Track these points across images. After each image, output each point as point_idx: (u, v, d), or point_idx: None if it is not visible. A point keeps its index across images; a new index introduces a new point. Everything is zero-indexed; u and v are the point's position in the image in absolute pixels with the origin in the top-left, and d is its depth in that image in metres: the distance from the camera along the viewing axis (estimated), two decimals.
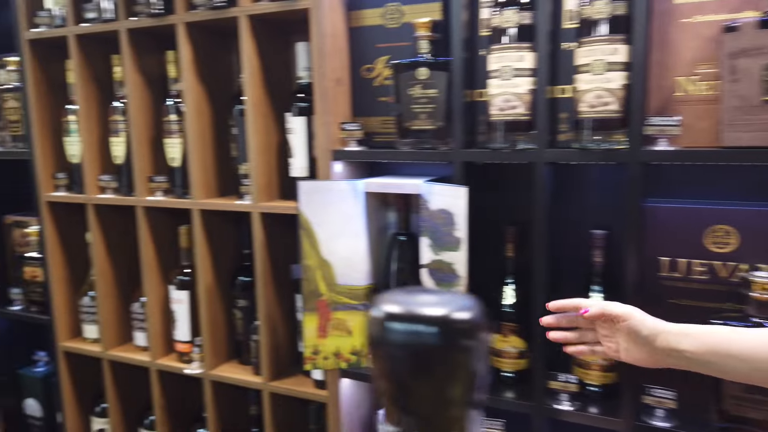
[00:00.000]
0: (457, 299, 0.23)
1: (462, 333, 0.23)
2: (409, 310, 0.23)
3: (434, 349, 0.22)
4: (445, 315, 0.22)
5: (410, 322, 0.23)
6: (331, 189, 1.31)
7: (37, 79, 1.69)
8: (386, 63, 1.32)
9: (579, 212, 1.29)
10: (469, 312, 0.23)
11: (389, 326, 0.23)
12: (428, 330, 0.22)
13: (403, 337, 0.22)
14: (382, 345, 0.23)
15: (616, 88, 1.04)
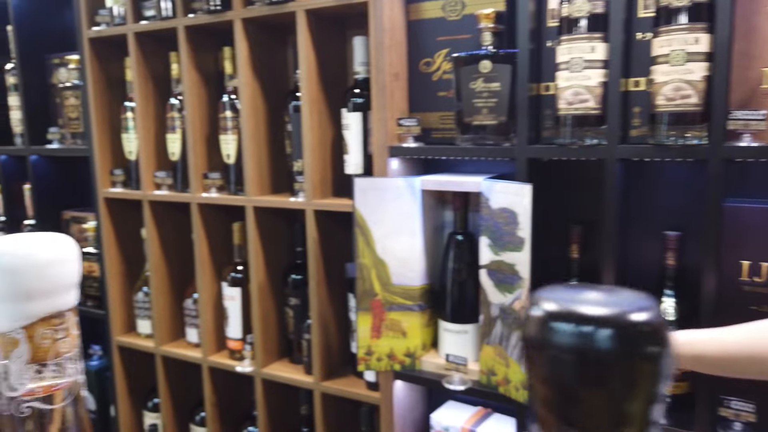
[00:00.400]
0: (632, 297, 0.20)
1: (643, 337, 0.19)
2: (576, 308, 0.19)
3: (610, 355, 0.18)
4: (622, 314, 0.18)
5: (580, 323, 0.19)
6: (388, 186, 1.28)
7: (97, 77, 1.72)
8: (446, 56, 1.28)
9: (649, 212, 1.22)
10: (649, 312, 0.19)
11: (553, 327, 0.19)
12: (602, 332, 0.18)
13: (572, 339, 0.19)
14: (543, 348, 0.19)
15: (696, 79, 0.98)
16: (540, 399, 0.20)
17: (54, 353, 0.31)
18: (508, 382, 1.17)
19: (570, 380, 0.19)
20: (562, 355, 0.19)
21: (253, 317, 1.53)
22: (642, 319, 0.19)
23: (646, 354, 0.19)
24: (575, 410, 0.19)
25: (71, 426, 0.32)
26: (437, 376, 1.28)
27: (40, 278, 0.29)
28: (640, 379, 0.19)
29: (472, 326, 1.29)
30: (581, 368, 0.19)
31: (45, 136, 1.86)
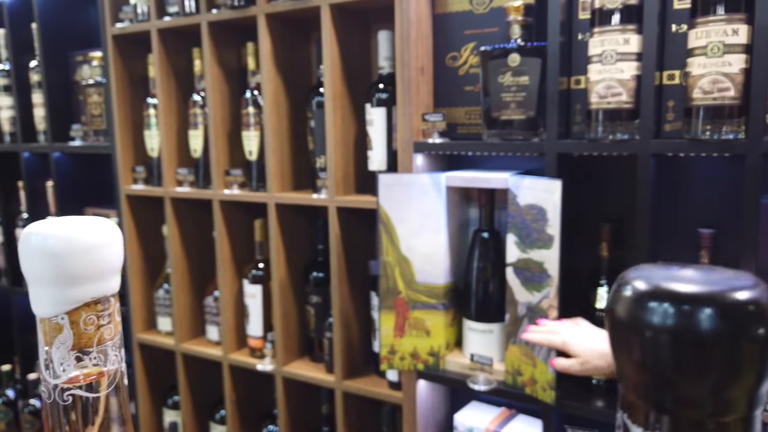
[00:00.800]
0: (732, 275, 0.17)
1: (749, 317, 0.16)
2: (672, 286, 0.17)
3: (711, 337, 0.16)
4: (725, 292, 0.16)
5: (677, 302, 0.17)
6: (413, 182, 1.26)
7: (120, 74, 1.72)
8: (473, 50, 1.26)
9: (682, 209, 1.19)
10: (754, 290, 0.17)
11: (649, 306, 0.17)
12: (703, 312, 0.16)
13: (669, 320, 0.17)
14: (637, 329, 0.17)
15: (734, 72, 0.95)
16: (631, 384, 0.19)
17: (98, 340, 0.29)
18: (534, 382, 1.15)
19: (666, 364, 0.17)
20: (658, 337, 0.17)
21: (274, 315, 1.52)
22: (747, 297, 0.17)
23: (752, 336, 0.17)
24: (670, 396, 0.18)
25: (114, 415, 0.31)
26: (461, 376, 1.26)
27: (85, 262, 0.28)
28: (744, 363, 0.17)
29: (497, 325, 1.26)
30: (679, 351, 0.17)
31: (68, 133, 1.87)
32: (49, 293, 0.27)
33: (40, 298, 0.28)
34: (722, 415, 0.18)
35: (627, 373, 0.19)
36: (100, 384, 0.30)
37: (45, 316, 0.28)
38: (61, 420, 0.30)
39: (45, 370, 0.29)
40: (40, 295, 0.28)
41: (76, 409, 0.29)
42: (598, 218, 1.20)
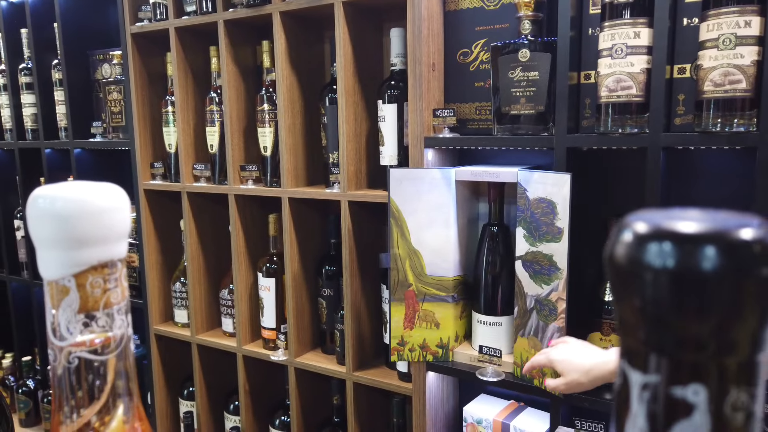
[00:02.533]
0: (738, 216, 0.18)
1: (753, 256, 0.17)
2: (673, 226, 0.17)
3: (714, 276, 0.17)
4: (728, 231, 0.17)
5: (678, 242, 0.17)
6: (423, 177, 1.28)
7: (139, 72, 1.76)
8: (484, 46, 1.27)
9: (692, 203, 1.19)
10: (759, 229, 0.17)
11: (648, 247, 0.17)
12: (705, 251, 0.17)
13: (669, 260, 0.17)
14: (636, 271, 0.18)
15: (746, 64, 0.95)
16: (630, 330, 0.19)
17: (104, 303, 0.31)
18: (543, 374, 1.15)
19: (667, 306, 0.18)
20: (658, 278, 0.18)
21: (288, 307, 1.54)
22: (751, 236, 0.17)
23: (756, 275, 0.17)
24: (671, 339, 0.18)
25: (121, 382, 0.32)
26: (470, 367, 1.27)
27: (94, 225, 0.29)
28: (747, 304, 0.17)
29: (506, 318, 1.27)
30: (680, 292, 0.18)
31: (88, 130, 1.92)
32: (57, 255, 0.29)
33: (47, 261, 0.30)
34: (724, 356, 0.18)
35: (627, 318, 0.19)
36: (107, 347, 0.32)
37: (52, 278, 0.30)
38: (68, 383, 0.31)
39: (52, 333, 0.31)
40: (48, 258, 0.29)
41: (82, 373, 0.31)
42: (608, 212, 1.20)
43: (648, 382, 0.19)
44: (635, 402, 0.19)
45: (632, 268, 0.18)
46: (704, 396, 0.18)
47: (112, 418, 0.31)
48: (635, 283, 0.18)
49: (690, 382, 0.18)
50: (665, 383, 0.18)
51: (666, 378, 0.18)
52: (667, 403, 0.18)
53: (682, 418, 0.18)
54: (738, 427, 0.18)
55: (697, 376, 0.18)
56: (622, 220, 0.20)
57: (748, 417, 0.18)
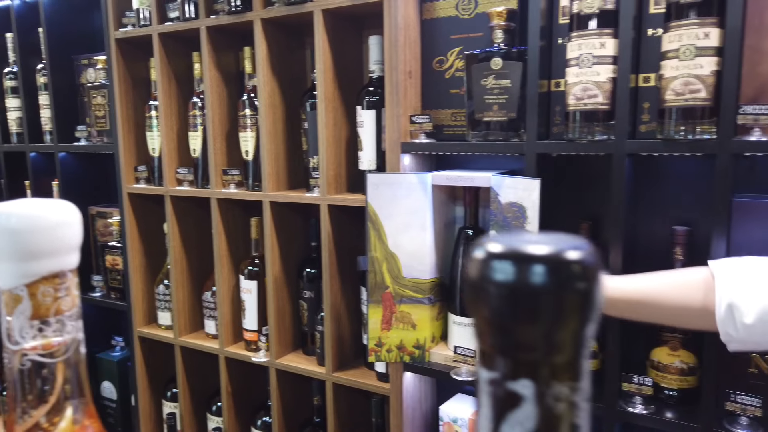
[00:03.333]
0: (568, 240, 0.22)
1: (573, 273, 0.21)
2: (515, 248, 0.21)
3: (542, 290, 0.21)
4: (555, 253, 0.21)
5: (516, 261, 0.21)
6: (400, 182, 1.31)
7: (123, 77, 1.78)
8: (459, 54, 1.30)
9: (658, 207, 1.22)
10: (582, 252, 0.21)
11: (493, 265, 0.21)
12: (537, 269, 0.21)
13: (509, 276, 0.21)
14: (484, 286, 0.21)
15: (705, 74, 0.98)
16: (482, 336, 0.22)
17: (55, 310, 0.33)
18: None
19: (506, 314, 0.21)
20: (500, 291, 0.21)
21: (269, 309, 1.56)
22: (573, 257, 0.21)
23: (576, 290, 0.21)
24: (510, 342, 0.21)
25: (71, 380, 0.35)
26: (446, 367, 1.30)
27: (45, 239, 0.32)
28: (569, 312, 0.21)
29: None
30: (517, 302, 0.21)
31: (73, 134, 1.93)
32: (10, 267, 0.32)
33: (1, 271, 0.32)
34: (551, 356, 0.22)
35: (479, 325, 0.23)
36: (58, 351, 0.34)
37: (6, 287, 0.32)
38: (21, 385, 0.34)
39: (7, 338, 0.33)
40: (2, 269, 0.32)
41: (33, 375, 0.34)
42: (578, 216, 1.23)
43: (491, 378, 0.22)
44: (483, 395, 0.22)
45: (481, 283, 0.21)
46: (532, 389, 0.21)
47: (61, 419, 0.34)
48: (483, 296, 0.21)
49: (520, 377, 0.21)
50: (502, 379, 0.21)
51: (503, 374, 0.21)
52: (504, 395, 0.22)
53: (516, 408, 0.21)
54: (560, 415, 0.21)
55: (526, 373, 0.21)
56: (479, 241, 0.23)
57: (570, 407, 0.21)
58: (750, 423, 1.02)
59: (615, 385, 1.12)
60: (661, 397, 1.13)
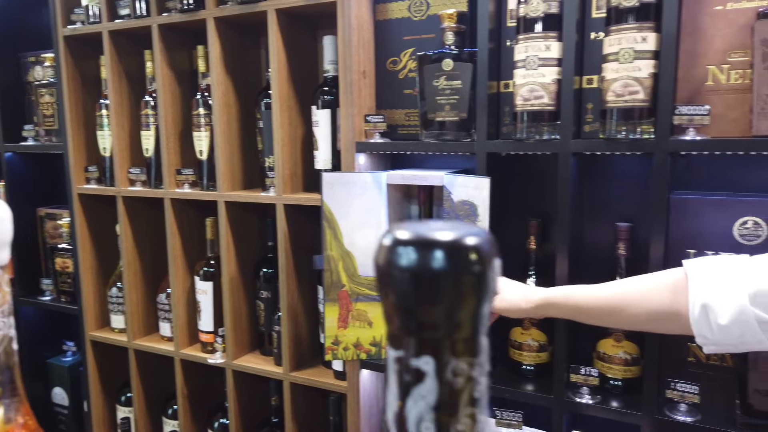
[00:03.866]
0: (468, 227, 0.23)
1: (470, 257, 0.23)
2: (417, 235, 0.23)
3: (441, 272, 0.22)
4: (454, 240, 0.22)
5: (419, 247, 0.23)
6: (355, 181, 1.32)
7: (72, 75, 1.74)
8: (412, 55, 1.32)
9: (603, 204, 1.27)
10: (477, 238, 0.23)
11: (398, 251, 0.23)
12: (437, 253, 0.22)
13: (412, 260, 0.23)
14: (390, 270, 0.23)
15: (644, 76, 1.03)
16: (390, 319, 0.24)
17: None
18: None
19: (410, 297, 0.23)
20: (404, 275, 0.23)
21: (225, 310, 1.55)
22: (470, 243, 0.23)
23: (472, 272, 0.23)
24: (415, 323, 0.23)
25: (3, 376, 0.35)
26: None
27: None
28: (467, 293, 0.23)
29: None
30: (420, 285, 0.23)
31: (20, 133, 1.88)
32: None
33: None
34: (452, 335, 0.23)
35: (387, 308, 0.24)
36: None
37: None
38: None
39: None
40: None
41: None
42: (528, 213, 1.27)
43: (397, 356, 0.24)
44: (391, 372, 0.24)
45: (387, 267, 0.23)
46: (433, 365, 0.23)
47: None
48: (389, 280, 0.23)
49: (422, 354, 0.23)
50: (407, 357, 0.23)
51: (407, 352, 0.23)
52: (408, 372, 0.23)
53: (419, 383, 0.23)
54: (459, 389, 0.23)
55: (428, 350, 0.23)
56: (388, 229, 0.24)
57: (469, 381, 0.23)
58: (689, 409, 1.07)
59: (563, 376, 1.16)
60: (606, 387, 1.17)
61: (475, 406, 0.23)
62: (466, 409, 0.23)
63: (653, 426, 1.08)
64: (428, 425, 0.23)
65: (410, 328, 0.23)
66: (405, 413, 0.23)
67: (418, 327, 0.23)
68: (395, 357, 0.24)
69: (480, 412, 0.24)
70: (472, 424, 0.23)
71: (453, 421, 0.23)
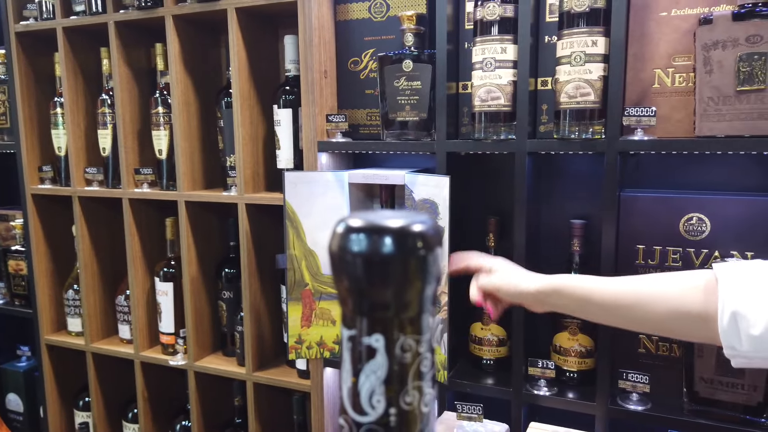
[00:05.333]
0: (414, 215, 0.25)
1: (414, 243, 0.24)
2: (367, 223, 0.25)
3: (390, 256, 0.24)
4: (401, 226, 0.24)
5: (370, 233, 0.24)
6: (317, 180, 1.33)
7: (24, 72, 1.69)
8: (373, 56, 1.34)
9: (559, 202, 1.31)
10: (422, 225, 0.25)
11: (351, 237, 0.24)
12: (386, 239, 0.24)
13: (363, 246, 0.24)
14: (344, 256, 0.25)
15: (594, 79, 1.07)
16: (344, 301, 0.26)
17: None
18: None
19: (362, 279, 0.24)
20: (356, 259, 0.24)
21: (186, 311, 1.54)
22: (416, 229, 0.24)
23: (417, 256, 0.24)
24: (367, 303, 0.25)
25: None
26: None
27: None
28: (413, 274, 0.24)
29: None
30: (370, 268, 0.24)
31: None
32: None
33: None
34: (401, 314, 0.25)
35: (341, 291, 0.26)
36: None
37: None
38: None
39: None
40: None
41: None
42: (487, 212, 1.30)
43: (351, 335, 0.25)
44: (345, 351, 0.26)
45: (340, 253, 0.25)
46: (383, 342, 0.25)
47: None
48: (343, 265, 0.25)
49: (373, 333, 0.25)
50: (359, 335, 0.25)
51: (360, 331, 0.25)
52: (361, 349, 0.25)
53: (371, 359, 0.25)
54: (407, 363, 0.25)
55: (379, 329, 0.25)
56: (342, 218, 0.26)
57: (416, 356, 0.25)
58: (640, 398, 1.12)
59: (521, 369, 1.19)
60: (563, 379, 1.21)
61: (422, 380, 0.25)
62: (414, 382, 0.25)
63: (607, 415, 1.13)
64: (379, 398, 0.24)
65: (362, 308, 0.25)
66: (358, 388, 0.25)
67: (370, 307, 0.25)
68: (348, 336, 0.25)
69: (426, 385, 0.25)
70: (420, 396, 0.25)
71: (402, 393, 0.25)
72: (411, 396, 0.24)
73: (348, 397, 0.25)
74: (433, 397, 0.26)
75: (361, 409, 0.24)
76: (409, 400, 0.24)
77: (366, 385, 0.25)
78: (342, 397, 0.26)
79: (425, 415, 0.25)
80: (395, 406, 0.24)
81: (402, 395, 0.24)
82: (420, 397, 0.25)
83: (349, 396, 0.25)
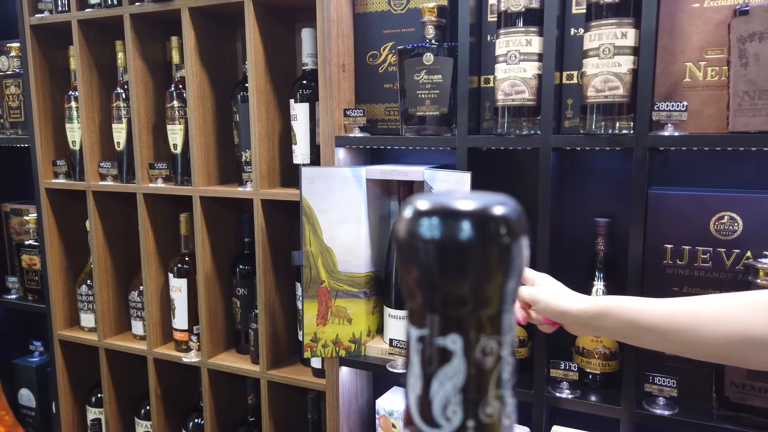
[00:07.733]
0: (494, 197, 0.22)
1: (498, 228, 0.21)
2: (442, 205, 0.21)
3: (468, 244, 0.21)
4: (481, 209, 0.21)
5: (444, 217, 0.21)
6: (334, 175, 1.30)
7: (39, 66, 1.68)
8: (392, 49, 1.31)
9: (583, 199, 1.28)
10: (506, 207, 0.21)
11: (421, 222, 0.21)
12: (463, 224, 0.21)
13: (437, 231, 0.21)
14: (413, 243, 0.21)
15: (623, 72, 1.03)
16: (412, 295, 0.22)
17: None
18: None
19: (435, 270, 0.21)
20: (428, 247, 0.21)
21: (200, 308, 1.52)
22: (498, 213, 0.21)
23: (500, 243, 0.21)
24: (440, 298, 0.22)
25: None
26: (382, 361, 1.31)
27: None
28: (495, 267, 0.21)
29: None
30: (444, 258, 0.21)
31: None
32: None
33: None
34: (479, 311, 0.22)
35: (408, 283, 0.23)
36: None
37: None
38: None
39: None
40: None
41: None
42: None
43: (421, 335, 0.22)
44: (413, 353, 0.23)
45: (409, 240, 0.22)
46: (460, 344, 0.21)
47: None
48: (412, 253, 0.22)
49: (449, 333, 0.21)
50: (432, 335, 0.22)
51: (433, 331, 0.22)
52: (434, 351, 0.22)
53: (446, 363, 0.22)
54: (488, 369, 0.22)
55: (455, 328, 0.21)
56: (408, 200, 0.23)
57: (497, 360, 0.22)
58: (667, 402, 1.09)
59: (543, 371, 1.16)
60: (586, 381, 1.18)
61: (504, 388, 0.22)
62: (495, 390, 0.22)
63: (632, 419, 1.09)
64: (455, 408, 0.21)
65: (434, 304, 0.22)
66: (430, 396, 0.22)
67: (443, 303, 0.22)
68: (418, 336, 0.22)
69: (508, 394, 0.22)
70: (500, 406, 0.22)
71: (482, 403, 0.21)
72: (491, 407, 0.21)
73: (416, 406, 0.22)
74: (514, 407, 0.23)
75: (433, 421, 0.21)
76: (490, 411, 0.21)
77: (440, 394, 0.21)
78: (408, 405, 0.23)
79: (506, 428, 0.22)
80: (473, 418, 0.21)
81: (482, 405, 0.21)
82: (501, 407, 0.21)
83: (417, 405, 0.22)
